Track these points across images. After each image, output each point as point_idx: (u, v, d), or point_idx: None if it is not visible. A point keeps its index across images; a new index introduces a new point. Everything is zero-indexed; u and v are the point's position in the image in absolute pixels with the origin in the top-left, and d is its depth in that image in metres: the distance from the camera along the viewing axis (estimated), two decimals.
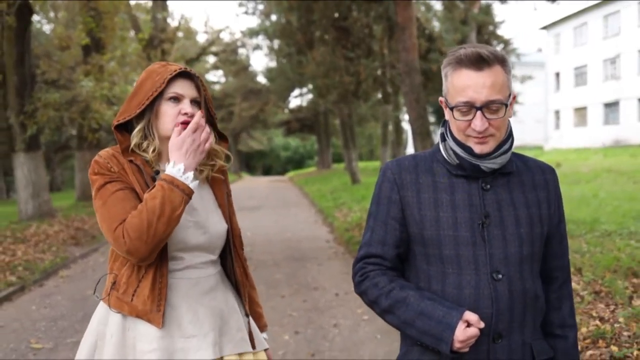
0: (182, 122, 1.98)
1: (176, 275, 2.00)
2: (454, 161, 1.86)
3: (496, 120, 1.77)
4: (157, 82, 1.97)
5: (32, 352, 5.52)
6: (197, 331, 1.98)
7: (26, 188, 12.97)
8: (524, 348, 1.83)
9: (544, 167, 1.97)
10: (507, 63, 1.80)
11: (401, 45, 11.12)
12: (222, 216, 2.12)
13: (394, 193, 1.92)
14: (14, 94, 12.62)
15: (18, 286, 7.87)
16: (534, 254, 1.85)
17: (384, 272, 1.92)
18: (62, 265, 9.56)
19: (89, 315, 5.78)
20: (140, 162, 1.99)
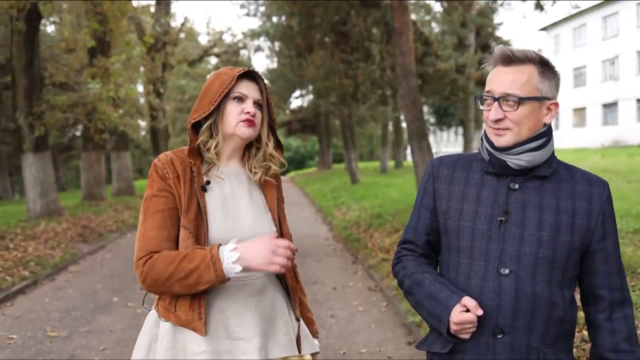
0: (244, 120, 2.06)
1: None
2: (486, 157, 1.95)
3: (512, 113, 1.84)
4: (225, 81, 2.04)
5: (49, 339, 5.91)
6: (244, 334, 2.01)
7: (34, 187, 13.34)
8: (529, 351, 1.84)
9: (593, 179, 1.95)
10: (545, 66, 1.88)
11: (398, 49, 11.48)
12: (272, 220, 2.14)
13: (430, 184, 2.04)
14: (23, 96, 12.98)
15: (31, 280, 8.27)
16: (554, 259, 1.85)
17: (415, 257, 2.06)
18: (72, 261, 9.96)
19: (100, 307, 6.28)
20: (197, 168, 2.06)
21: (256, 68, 2.23)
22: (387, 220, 11.07)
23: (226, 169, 2.14)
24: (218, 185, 2.09)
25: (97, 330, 6.18)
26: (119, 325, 6.37)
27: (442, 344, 1.93)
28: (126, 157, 21.19)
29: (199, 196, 2.01)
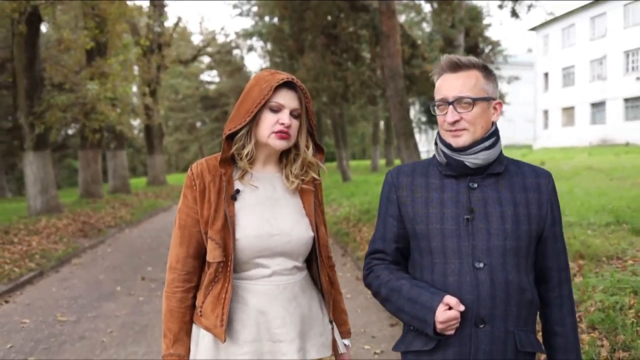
0: (277, 131, 2.07)
1: (264, 282, 2.08)
2: (443, 160, 2.05)
3: (467, 114, 1.97)
4: (264, 90, 2.04)
5: (59, 323, 6.39)
6: (285, 337, 2.06)
7: (35, 184, 13.77)
8: (507, 336, 1.95)
9: (539, 171, 2.10)
10: (486, 70, 2.03)
11: (386, 51, 11.99)
12: (309, 225, 2.15)
13: (392, 194, 2.13)
14: (24, 96, 13.42)
15: (37, 272, 8.74)
16: (519, 248, 1.97)
17: (386, 266, 2.12)
18: (74, 254, 10.43)
19: (104, 296, 6.78)
20: (228, 176, 2.09)
21: (249, 67, 2.52)
22: (375, 215, 11.56)
23: (261, 174, 2.16)
24: (252, 192, 2.12)
25: (103, 316, 6.66)
26: (123, 311, 6.84)
27: (423, 342, 2.01)
28: (122, 155, 21.62)
29: (226, 206, 2.04)
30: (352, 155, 59.56)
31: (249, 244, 2.03)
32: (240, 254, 2.04)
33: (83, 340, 5.82)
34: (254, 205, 2.09)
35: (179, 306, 2.08)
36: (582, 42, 41.39)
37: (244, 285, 2.07)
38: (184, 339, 2.09)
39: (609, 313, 4.64)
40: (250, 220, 2.06)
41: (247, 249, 2.03)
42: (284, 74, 2.09)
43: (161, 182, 27.29)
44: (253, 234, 2.04)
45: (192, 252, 2.09)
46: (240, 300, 2.06)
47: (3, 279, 8.01)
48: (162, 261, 9.75)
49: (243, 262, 2.06)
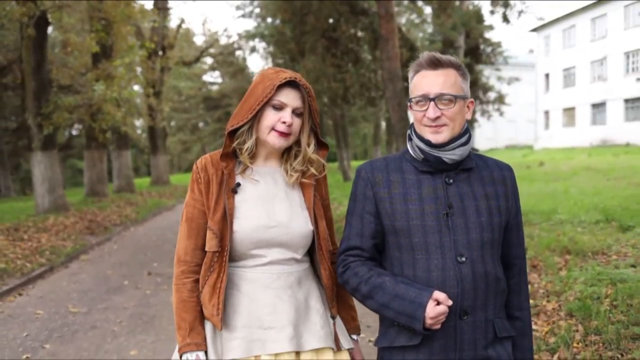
0: (278, 131, 2.12)
1: (258, 270, 2.13)
2: (420, 156, 2.08)
3: (448, 110, 2.01)
4: (267, 88, 2.08)
5: (71, 314, 6.73)
6: (275, 324, 2.09)
7: (42, 184, 14.12)
8: (487, 325, 2.03)
9: (502, 165, 2.19)
10: (462, 69, 2.08)
11: (385, 54, 12.33)
12: (308, 218, 2.19)
13: (368, 190, 2.12)
14: (32, 97, 13.77)
15: (47, 267, 9.09)
16: (494, 240, 2.05)
17: (363, 262, 2.13)
18: (82, 251, 10.78)
19: (113, 289, 7.15)
20: (229, 170, 2.16)
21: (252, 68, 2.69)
22: None
23: (263, 168, 2.21)
24: (252, 186, 2.17)
25: (112, 307, 7.00)
26: (132, 303, 7.18)
27: (407, 337, 2.04)
28: (126, 155, 21.97)
29: (226, 199, 2.11)
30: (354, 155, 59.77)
31: (246, 235, 2.09)
32: (237, 245, 2.10)
33: (94, 329, 6.16)
34: (254, 198, 2.14)
35: (190, 296, 2.13)
36: (583, 43, 41.55)
37: (239, 273, 2.13)
38: (199, 328, 2.10)
39: (585, 302, 4.97)
40: (249, 212, 2.11)
41: (244, 240, 2.10)
42: (289, 73, 2.12)
43: (165, 182, 27.61)
44: (251, 225, 2.10)
45: (200, 243, 2.15)
46: (234, 287, 2.12)
47: (16, 273, 8.37)
48: (168, 257, 10.11)
49: (240, 252, 2.12)
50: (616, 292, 5.00)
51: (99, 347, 5.57)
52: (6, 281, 7.97)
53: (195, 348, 2.06)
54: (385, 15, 12.13)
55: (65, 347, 5.59)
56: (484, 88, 30.98)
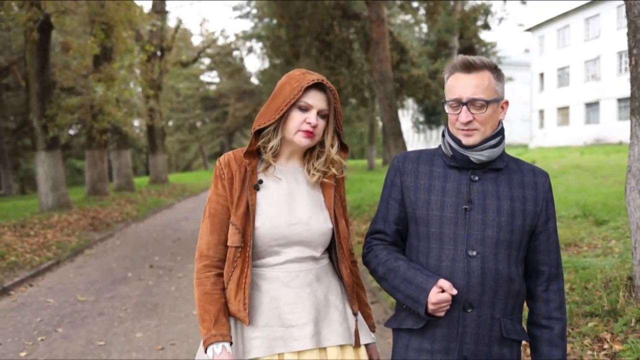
0: (304, 130, 2.16)
1: (277, 269, 2.16)
2: (449, 152, 2.13)
3: (480, 115, 2.04)
4: (294, 90, 2.12)
5: (80, 302, 7.23)
6: (296, 322, 2.11)
7: (46, 182, 14.60)
8: (493, 322, 2.06)
9: (537, 171, 2.19)
10: (497, 71, 2.09)
11: (376, 57, 12.86)
12: (328, 217, 2.22)
13: (397, 178, 2.21)
14: (36, 99, 14.25)
15: (54, 261, 9.59)
16: (512, 241, 2.07)
17: (385, 246, 2.22)
18: (86, 246, 11.28)
19: (117, 281, 7.71)
20: (252, 167, 2.19)
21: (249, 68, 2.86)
22: (365, 210, 12.42)
23: (285, 167, 2.26)
24: (274, 183, 2.21)
25: (118, 297, 7.50)
26: (136, 292, 7.69)
27: (414, 320, 2.12)
28: (126, 155, 22.45)
29: (249, 195, 2.15)
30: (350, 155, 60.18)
31: (267, 231, 2.12)
32: (258, 241, 2.13)
33: (102, 315, 6.66)
34: (275, 195, 2.18)
35: (213, 289, 2.14)
36: (577, 43, 41.92)
37: (258, 272, 2.16)
38: (223, 320, 2.11)
39: None
40: (271, 209, 2.15)
41: (265, 236, 2.13)
42: (315, 75, 2.17)
43: (163, 181, 28.08)
44: (271, 222, 2.13)
45: (223, 239, 2.17)
46: (254, 286, 2.15)
47: (26, 266, 8.87)
48: (168, 252, 10.65)
49: (261, 249, 2.15)
50: (575, 278, 5.50)
51: (107, 331, 6.08)
52: (17, 273, 8.48)
53: (221, 339, 2.06)
54: (377, 19, 12.64)
55: (77, 331, 6.09)
56: None
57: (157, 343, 5.67)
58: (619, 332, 4.22)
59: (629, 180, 4.72)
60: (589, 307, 4.73)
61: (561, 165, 23.72)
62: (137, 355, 5.32)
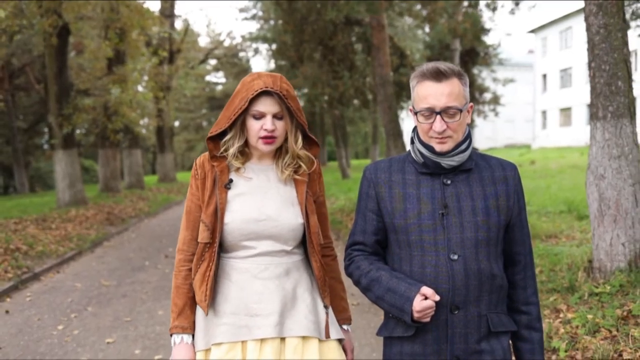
0: (263, 137, 2.20)
1: (248, 261, 2.23)
2: (420, 160, 2.15)
3: (453, 123, 2.05)
4: (242, 100, 2.17)
5: (104, 287, 8.00)
6: (261, 311, 2.18)
7: (64, 179, 15.39)
8: (480, 319, 2.10)
9: (505, 164, 2.21)
10: (463, 77, 2.10)
11: (376, 61, 13.58)
12: (299, 212, 2.27)
13: (371, 189, 2.23)
14: (54, 100, 15.05)
15: (77, 251, 10.37)
16: (490, 239, 2.10)
17: (366, 257, 2.24)
18: (104, 238, 12.08)
19: (136, 268, 8.54)
20: (220, 169, 2.26)
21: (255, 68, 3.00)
22: None
23: (257, 165, 2.32)
24: (244, 182, 2.28)
25: (138, 282, 8.26)
26: (154, 278, 8.44)
27: (403, 328, 2.15)
28: (137, 154, 23.26)
29: (218, 194, 2.22)
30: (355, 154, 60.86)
31: (236, 227, 2.20)
32: (227, 236, 2.22)
33: (125, 297, 7.42)
34: (245, 193, 2.25)
35: (183, 283, 2.27)
36: (579, 44, 41.97)
37: (230, 263, 2.25)
38: (188, 313, 2.25)
39: None
40: (241, 206, 2.22)
41: (234, 232, 2.21)
42: (262, 81, 2.18)
43: (171, 179, 28.85)
44: (241, 218, 2.20)
45: (195, 235, 2.28)
46: (226, 276, 2.24)
47: (52, 255, 9.66)
48: None
49: (232, 244, 2.23)
50: (545, 262, 6.23)
51: (131, 309, 6.83)
52: (45, 261, 9.27)
53: (181, 331, 2.23)
54: (377, 26, 13.36)
55: (104, 310, 6.85)
56: (480, 89, 32.18)
57: None
58: (574, 304, 4.96)
59: (588, 176, 5.45)
60: (552, 284, 5.46)
61: (559, 165, 24.38)
62: (160, 329, 6.06)
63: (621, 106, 5.22)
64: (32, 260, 9.13)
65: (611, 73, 5.23)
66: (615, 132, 5.25)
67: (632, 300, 4.63)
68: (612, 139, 5.26)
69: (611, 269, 5.23)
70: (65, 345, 5.64)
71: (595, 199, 5.36)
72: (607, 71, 5.26)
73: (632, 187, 5.21)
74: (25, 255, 9.23)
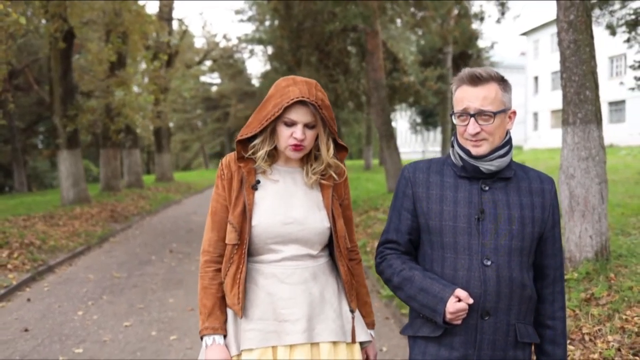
0: (292, 145, 2.18)
1: (274, 265, 2.22)
2: (459, 163, 2.15)
3: (487, 126, 2.06)
4: (277, 106, 2.14)
5: (116, 278, 8.57)
6: (289, 317, 2.16)
7: (68, 178, 15.91)
8: (509, 328, 2.09)
9: (543, 177, 2.21)
10: (504, 82, 2.10)
11: (370, 66, 14.18)
12: (326, 216, 2.26)
13: (408, 188, 2.23)
14: (59, 102, 15.57)
15: (85, 246, 10.95)
16: (523, 248, 2.09)
17: (398, 255, 2.24)
18: (110, 234, 12.66)
19: (144, 262, 9.21)
20: (247, 170, 2.25)
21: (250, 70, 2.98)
22: (360, 205, 13.76)
23: (284, 168, 2.31)
24: (272, 184, 2.27)
25: (147, 274, 8.83)
26: (162, 271, 9.02)
27: (431, 328, 2.15)
28: (136, 154, 23.77)
29: (245, 195, 2.21)
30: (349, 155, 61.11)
31: (263, 230, 2.19)
32: (255, 239, 2.20)
33: (136, 287, 7.99)
34: (272, 195, 2.24)
35: (211, 283, 2.25)
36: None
37: (256, 267, 2.24)
38: (218, 313, 2.22)
39: None
40: (268, 208, 2.21)
41: (261, 235, 2.19)
42: (298, 89, 2.16)
43: (169, 179, 29.33)
44: (268, 221, 2.19)
45: (222, 236, 2.26)
46: (252, 281, 2.22)
47: (64, 249, 10.24)
48: (184, 240, 11.99)
49: (258, 247, 2.22)
50: None
51: (144, 298, 7.42)
52: (57, 255, 9.85)
53: (212, 332, 2.20)
54: (371, 32, 13.96)
55: (118, 298, 7.42)
56: None
57: (187, 305, 7.01)
58: None
59: (560, 176, 6.05)
60: None
61: (548, 166, 24.91)
62: (172, 314, 6.65)
63: (589, 113, 5.82)
64: (46, 254, 9.70)
65: (580, 83, 5.84)
66: (584, 136, 5.84)
67: (595, 285, 5.24)
68: (581, 142, 5.85)
69: (580, 258, 5.82)
70: (87, 327, 6.22)
71: (566, 196, 5.96)
72: (576, 82, 5.86)
73: (598, 186, 5.81)
74: (39, 249, 9.80)
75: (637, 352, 4.01)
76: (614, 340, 4.23)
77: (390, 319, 6.37)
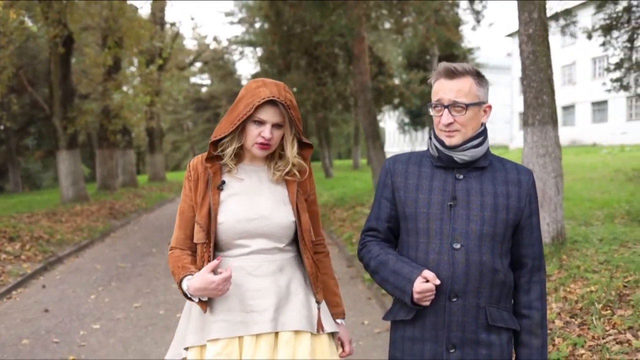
0: (259, 143, 2.26)
1: (242, 259, 2.29)
2: (435, 153, 2.25)
3: (460, 117, 2.15)
4: (247, 106, 2.21)
5: (121, 268, 9.29)
6: (256, 307, 2.23)
7: (67, 177, 16.57)
8: (479, 310, 2.16)
9: (521, 168, 2.28)
10: (479, 77, 2.19)
11: (357, 70, 14.95)
12: (290, 211, 2.33)
13: (388, 179, 2.33)
14: (59, 104, 16.23)
15: (89, 240, 11.66)
16: (495, 234, 2.17)
17: (378, 242, 2.36)
18: (110, 230, 13.36)
19: (145, 254, 10.07)
20: (213, 171, 2.32)
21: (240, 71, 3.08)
22: (347, 201, 14.53)
23: (249, 167, 2.38)
24: (237, 183, 2.34)
25: (149, 264, 9.55)
26: (163, 262, 9.74)
27: (405, 311, 2.24)
28: (130, 154, 24.46)
29: (211, 195, 2.28)
30: (337, 155, 62.07)
31: (230, 226, 2.26)
32: (222, 235, 2.28)
33: (141, 276, 8.72)
34: (238, 193, 2.32)
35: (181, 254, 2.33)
36: (554, 48, 41.94)
37: (225, 261, 2.29)
38: (188, 266, 2.26)
39: None
40: (233, 206, 2.29)
41: (228, 231, 2.27)
42: (268, 90, 2.23)
43: (161, 179, 29.97)
44: (234, 218, 2.27)
45: (188, 234, 2.34)
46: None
47: (70, 243, 10.96)
48: None
49: (226, 242, 2.30)
50: None
51: (149, 284, 8.15)
52: (65, 248, 10.57)
53: (188, 272, 2.23)
54: (357, 37, 14.72)
55: (126, 284, 8.15)
56: None
57: None
58: None
59: None
60: None
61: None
62: (177, 297, 7.37)
63: (546, 115, 6.60)
64: (54, 246, 10.40)
65: (538, 89, 6.63)
66: (542, 136, 6.62)
67: (548, 265, 6.02)
68: (539, 141, 6.63)
69: None
70: (101, 308, 6.95)
71: None
72: (535, 88, 6.65)
73: (554, 179, 6.59)
74: (47, 242, 10.49)
75: (574, 315, 4.79)
76: (556, 307, 5.01)
77: (372, 299, 7.13)
